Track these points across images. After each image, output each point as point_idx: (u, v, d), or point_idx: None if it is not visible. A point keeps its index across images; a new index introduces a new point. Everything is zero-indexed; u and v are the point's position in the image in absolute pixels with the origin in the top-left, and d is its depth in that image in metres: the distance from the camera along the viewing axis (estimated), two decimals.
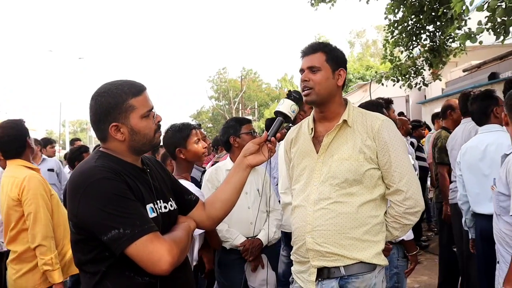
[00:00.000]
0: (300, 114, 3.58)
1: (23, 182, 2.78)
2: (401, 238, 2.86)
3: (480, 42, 5.12)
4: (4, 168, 4.23)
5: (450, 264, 4.42)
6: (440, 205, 4.56)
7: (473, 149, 3.29)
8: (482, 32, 4.82)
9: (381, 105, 3.39)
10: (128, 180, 1.60)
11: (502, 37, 4.84)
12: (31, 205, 2.73)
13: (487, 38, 5.47)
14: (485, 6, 4.58)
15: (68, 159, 4.89)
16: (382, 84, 9.64)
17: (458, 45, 8.63)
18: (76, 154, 4.70)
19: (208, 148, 4.42)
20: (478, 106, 3.33)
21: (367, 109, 2.32)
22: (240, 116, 34.48)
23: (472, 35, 4.92)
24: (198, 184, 3.44)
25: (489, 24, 4.95)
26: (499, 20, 4.63)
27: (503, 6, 4.34)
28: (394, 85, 9.42)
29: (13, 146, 2.92)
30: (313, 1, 9.17)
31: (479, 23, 4.85)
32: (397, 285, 2.99)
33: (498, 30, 4.73)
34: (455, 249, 4.25)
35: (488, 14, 4.82)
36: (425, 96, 15.13)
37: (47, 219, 2.74)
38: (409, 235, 2.90)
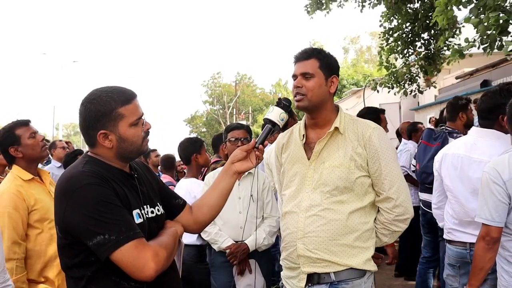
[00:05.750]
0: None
1: None
2: None
3: (470, 55, 5.17)
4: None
5: None
6: None
7: None
8: (471, 47, 4.88)
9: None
10: (115, 186, 1.61)
11: (488, 50, 4.90)
12: None
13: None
14: (471, 20, 4.65)
15: (63, 162, 4.91)
16: (378, 91, 9.67)
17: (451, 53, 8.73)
18: (71, 157, 4.70)
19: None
20: None
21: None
22: (234, 121, 34.49)
23: (463, 51, 4.98)
24: None
25: (478, 37, 5.01)
26: (484, 36, 4.69)
27: (485, 24, 4.40)
28: (389, 92, 9.47)
29: (1, 153, 2.80)
30: (309, 9, 9.26)
31: (466, 40, 4.92)
32: None
33: (487, 44, 4.79)
34: None
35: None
36: (418, 102, 15.22)
37: (11, 241, 2.51)
38: None
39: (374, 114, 3.68)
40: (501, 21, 4.37)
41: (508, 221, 2.25)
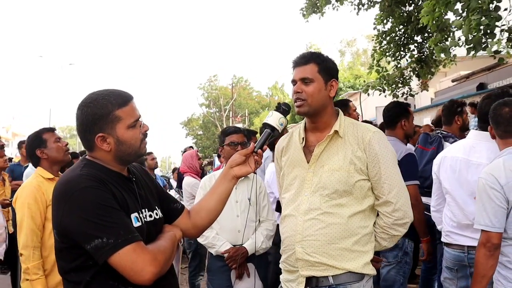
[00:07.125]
0: None
1: (18, 191, 2.93)
2: None
3: (454, 56, 5.18)
4: None
5: None
6: None
7: None
8: (455, 46, 4.89)
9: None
10: (113, 189, 1.60)
11: (473, 52, 4.88)
12: (18, 214, 2.83)
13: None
14: (454, 21, 4.67)
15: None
16: (368, 94, 9.68)
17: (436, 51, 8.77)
18: None
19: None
20: None
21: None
22: (231, 124, 34.39)
23: (447, 49, 5.00)
24: None
25: (463, 38, 5.03)
26: (470, 37, 4.71)
27: (470, 25, 4.41)
28: (380, 94, 9.48)
29: (28, 156, 3.09)
30: (304, 13, 9.29)
31: (452, 38, 4.93)
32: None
33: (472, 45, 4.80)
34: None
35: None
36: (414, 105, 15.29)
37: (29, 229, 2.77)
38: None
39: (403, 107, 3.75)
40: (483, 25, 4.38)
41: (506, 226, 2.24)
